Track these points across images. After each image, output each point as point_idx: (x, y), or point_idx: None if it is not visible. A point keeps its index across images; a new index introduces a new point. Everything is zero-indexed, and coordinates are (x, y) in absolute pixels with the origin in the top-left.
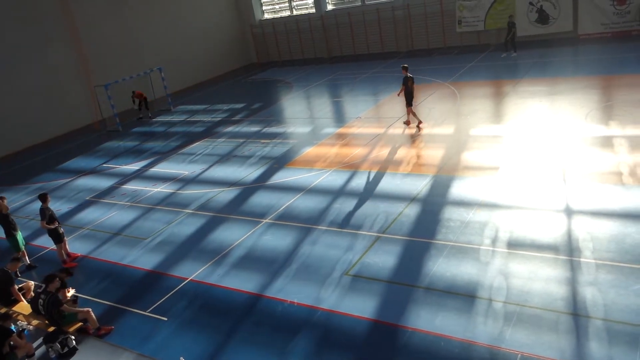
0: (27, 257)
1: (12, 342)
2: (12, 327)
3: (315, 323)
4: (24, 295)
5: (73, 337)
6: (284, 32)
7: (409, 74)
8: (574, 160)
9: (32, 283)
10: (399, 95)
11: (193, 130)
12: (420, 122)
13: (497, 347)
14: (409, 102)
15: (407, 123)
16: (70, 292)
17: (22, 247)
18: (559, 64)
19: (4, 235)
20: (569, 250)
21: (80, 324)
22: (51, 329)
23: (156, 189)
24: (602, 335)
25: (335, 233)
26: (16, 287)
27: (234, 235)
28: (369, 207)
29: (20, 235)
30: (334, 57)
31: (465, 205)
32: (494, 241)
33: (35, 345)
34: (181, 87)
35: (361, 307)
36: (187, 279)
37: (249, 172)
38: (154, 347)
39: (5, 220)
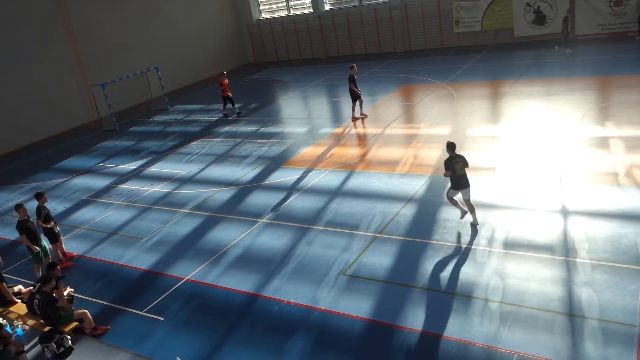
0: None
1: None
2: (8, 327)
3: (312, 323)
4: (20, 297)
5: (69, 337)
6: (281, 32)
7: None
8: (571, 161)
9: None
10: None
11: (190, 129)
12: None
13: (493, 347)
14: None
15: (355, 119)
16: (66, 292)
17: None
18: (556, 65)
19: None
20: (565, 250)
21: (76, 323)
22: (47, 328)
23: (153, 189)
24: (598, 336)
25: (332, 233)
26: (5, 285)
27: (231, 235)
28: (366, 207)
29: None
30: (331, 57)
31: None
32: (491, 241)
33: (30, 345)
34: (178, 87)
35: (358, 307)
36: (184, 278)
37: (245, 172)
38: (151, 347)
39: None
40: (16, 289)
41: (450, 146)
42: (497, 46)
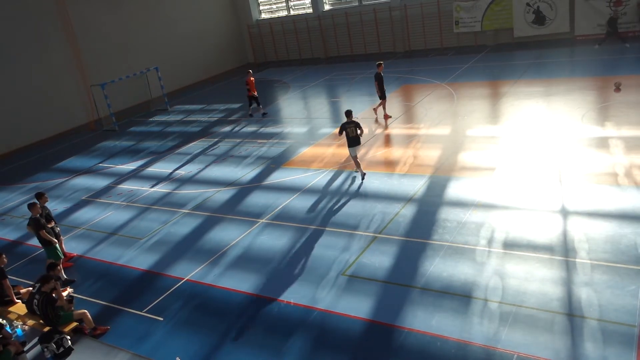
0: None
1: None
2: (7, 327)
3: (312, 323)
4: (20, 297)
5: (69, 337)
6: (281, 32)
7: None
8: (570, 161)
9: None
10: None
11: (189, 130)
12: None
13: (493, 348)
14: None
15: (387, 117)
16: (66, 292)
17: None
18: (556, 65)
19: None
20: (565, 250)
21: (76, 324)
22: (47, 328)
23: (152, 189)
24: (598, 336)
25: (332, 233)
26: (8, 282)
27: (231, 236)
28: (365, 207)
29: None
30: (331, 57)
31: (462, 206)
32: (490, 242)
33: (30, 345)
34: (178, 87)
35: (357, 307)
36: (183, 279)
37: (245, 172)
38: (150, 347)
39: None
40: (16, 288)
41: (347, 113)
42: (496, 46)
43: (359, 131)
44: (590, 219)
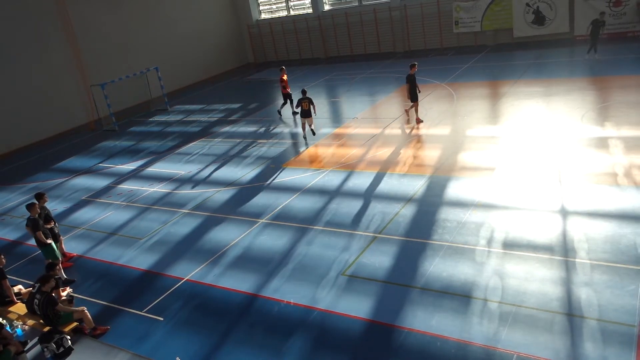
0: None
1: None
2: (7, 327)
3: (311, 323)
4: (20, 297)
5: (69, 337)
6: (281, 32)
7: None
8: (570, 161)
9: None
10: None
11: (189, 130)
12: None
13: (493, 348)
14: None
15: (419, 121)
16: (66, 292)
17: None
18: (556, 65)
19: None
20: (565, 250)
21: (76, 323)
22: (47, 328)
23: (152, 189)
24: (597, 336)
25: (332, 233)
26: (7, 282)
27: (230, 236)
28: (365, 207)
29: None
30: (330, 57)
31: (462, 206)
32: (490, 242)
33: (30, 345)
34: (178, 87)
35: (357, 307)
36: (183, 279)
37: (245, 172)
38: (150, 347)
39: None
40: (16, 289)
41: (302, 91)
42: (496, 46)
43: (311, 106)
44: (590, 219)
